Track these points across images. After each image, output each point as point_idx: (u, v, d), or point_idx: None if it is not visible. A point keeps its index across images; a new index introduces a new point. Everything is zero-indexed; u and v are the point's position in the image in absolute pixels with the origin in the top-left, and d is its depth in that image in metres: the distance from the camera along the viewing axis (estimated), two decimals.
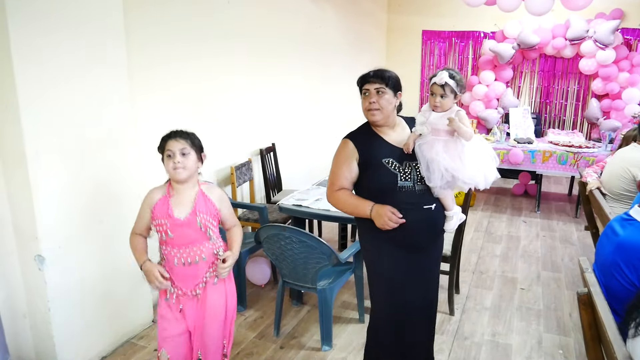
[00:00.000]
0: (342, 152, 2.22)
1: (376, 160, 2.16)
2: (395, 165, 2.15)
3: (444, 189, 2.13)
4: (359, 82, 2.21)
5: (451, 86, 2.07)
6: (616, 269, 1.90)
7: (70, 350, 2.65)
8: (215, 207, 2.15)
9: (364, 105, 2.19)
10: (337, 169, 2.23)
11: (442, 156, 2.05)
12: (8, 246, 2.48)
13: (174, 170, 2.04)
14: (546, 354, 2.94)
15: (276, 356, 2.90)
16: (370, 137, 2.22)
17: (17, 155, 2.34)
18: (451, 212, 2.24)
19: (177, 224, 2.05)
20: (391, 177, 2.13)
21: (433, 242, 2.29)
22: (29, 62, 2.28)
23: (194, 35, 3.59)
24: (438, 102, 2.09)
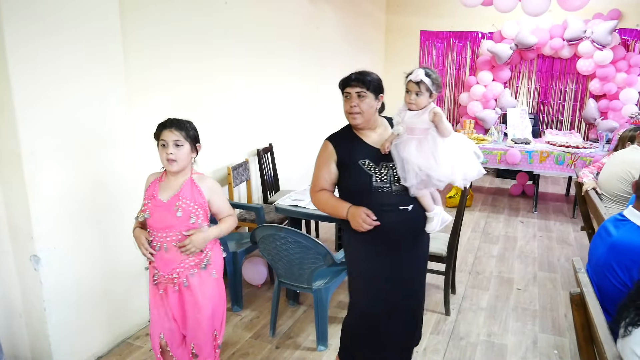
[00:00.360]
0: (322, 153, 2.26)
1: (353, 161, 2.17)
2: (370, 166, 2.15)
3: (419, 189, 2.11)
4: (341, 85, 2.20)
5: (426, 84, 2.06)
6: (609, 270, 1.90)
7: (66, 350, 2.65)
8: (203, 196, 2.14)
9: (345, 108, 2.19)
10: (318, 171, 2.27)
11: (415, 155, 2.05)
12: (4, 246, 2.48)
13: (167, 161, 2.06)
14: (541, 354, 2.95)
15: (272, 356, 2.91)
16: (349, 139, 2.23)
17: (13, 155, 2.34)
18: (431, 212, 2.21)
19: (158, 205, 2.08)
20: (366, 177, 2.14)
21: (413, 243, 2.26)
22: (25, 64, 2.29)
23: (191, 36, 3.59)
24: (413, 100, 2.08)
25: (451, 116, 7.89)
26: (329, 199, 2.24)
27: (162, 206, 2.08)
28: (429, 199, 2.21)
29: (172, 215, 2.07)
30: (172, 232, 2.09)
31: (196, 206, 2.11)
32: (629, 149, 3.45)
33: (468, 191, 3.37)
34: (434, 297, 3.63)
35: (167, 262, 2.12)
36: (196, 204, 2.11)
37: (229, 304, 3.46)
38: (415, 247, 2.29)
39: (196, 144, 2.16)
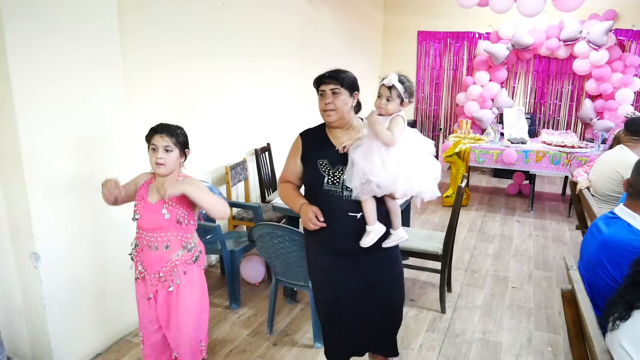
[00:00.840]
0: (292, 147, 2.32)
1: (313, 159, 2.18)
2: (326, 168, 2.15)
3: (363, 194, 2.05)
4: (315, 83, 2.20)
5: (398, 90, 2.03)
6: (600, 266, 1.94)
7: (66, 346, 2.68)
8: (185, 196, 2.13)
9: (320, 106, 2.18)
10: (286, 162, 2.33)
11: (362, 158, 2.01)
12: (4, 244, 2.51)
13: (156, 165, 2.12)
14: (535, 351, 2.99)
15: (269, 353, 2.94)
16: (318, 137, 2.24)
17: (13, 154, 2.37)
18: (370, 227, 2.10)
19: (147, 207, 2.13)
20: (319, 178, 2.15)
21: (366, 250, 2.15)
22: (25, 63, 2.31)
23: (189, 36, 3.62)
24: (383, 105, 2.05)
25: (448, 116, 7.93)
26: (289, 191, 2.29)
27: (150, 208, 2.13)
28: (371, 211, 2.10)
29: (160, 216, 2.12)
30: (162, 233, 2.13)
31: (182, 207, 2.15)
32: (616, 149, 3.49)
33: (464, 190, 3.39)
34: (430, 295, 3.66)
35: (155, 260, 2.15)
36: (182, 205, 2.15)
37: (226, 301, 3.50)
38: (373, 254, 2.20)
39: (185, 150, 2.19)
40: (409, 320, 3.31)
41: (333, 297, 2.28)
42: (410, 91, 2.08)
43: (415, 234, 3.60)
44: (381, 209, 2.16)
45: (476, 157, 5.73)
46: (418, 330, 3.20)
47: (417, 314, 3.41)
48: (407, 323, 3.28)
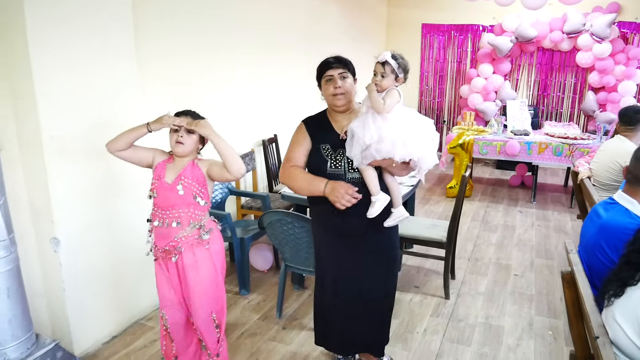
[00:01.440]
0: (297, 133, 2.36)
1: (316, 144, 2.28)
2: (328, 152, 2.25)
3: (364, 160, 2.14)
4: (320, 69, 2.28)
5: (392, 66, 2.13)
6: (599, 249, 2.03)
7: (84, 328, 2.79)
8: (202, 172, 2.24)
9: (328, 91, 2.25)
10: (293, 148, 2.34)
11: (361, 128, 2.11)
12: (25, 229, 2.61)
13: (175, 143, 2.20)
14: (536, 334, 3.08)
15: (279, 336, 3.04)
16: (321, 123, 2.33)
17: (34, 141, 2.47)
18: (374, 197, 2.21)
19: (164, 186, 2.21)
20: (322, 162, 2.25)
21: (369, 231, 2.28)
22: (44, 48, 2.40)
23: (198, 29, 3.70)
24: (378, 81, 2.15)
25: (452, 108, 8.00)
26: (304, 173, 2.29)
27: (167, 187, 2.22)
28: (373, 181, 2.21)
29: (176, 195, 2.20)
30: (174, 210, 2.21)
31: (197, 185, 2.23)
32: (615, 140, 3.57)
33: (467, 180, 3.48)
34: (434, 282, 3.76)
35: (164, 236, 2.24)
36: (196, 181, 2.23)
37: (236, 287, 3.60)
38: (375, 235, 2.33)
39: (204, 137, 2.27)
40: (413, 306, 3.41)
41: (337, 279, 2.39)
42: (404, 67, 2.17)
43: (420, 223, 3.69)
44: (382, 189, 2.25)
45: (479, 148, 5.81)
46: (422, 315, 3.30)
47: (422, 299, 3.50)
48: (412, 308, 3.38)
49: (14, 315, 2.12)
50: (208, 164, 2.27)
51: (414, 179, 3.81)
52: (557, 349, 2.93)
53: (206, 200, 2.29)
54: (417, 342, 2.99)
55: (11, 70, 2.43)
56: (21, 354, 2.16)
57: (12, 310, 2.12)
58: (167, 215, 2.22)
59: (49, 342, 2.29)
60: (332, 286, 2.41)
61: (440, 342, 3.00)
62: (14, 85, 2.45)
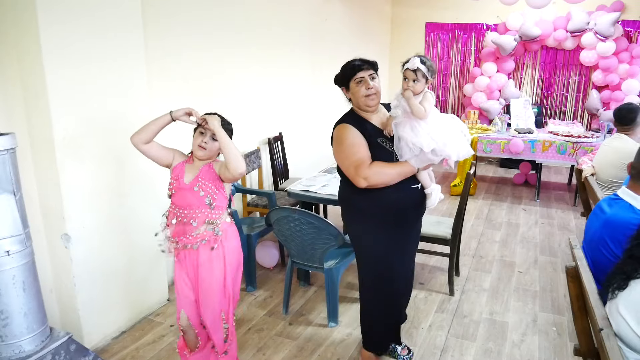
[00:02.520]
0: (348, 134, 2.30)
1: (373, 140, 2.31)
2: (389, 145, 2.33)
3: (420, 164, 2.30)
4: (349, 72, 2.32)
5: (423, 71, 2.22)
6: (603, 244, 2.06)
7: (94, 323, 2.84)
8: (216, 174, 2.28)
9: (360, 93, 2.29)
10: (357, 148, 2.26)
11: (410, 134, 2.23)
12: (36, 225, 2.65)
13: (198, 147, 2.25)
14: (540, 330, 3.11)
15: (285, 331, 3.08)
16: (360, 121, 2.36)
17: (45, 139, 2.51)
18: (429, 189, 2.43)
19: (182, 187, 2.26)
20: (388, 155, 2.31)
21: (417, 220, 2.55)
22: (55, 48, 2.44)
23: (204, 28, 3.75)
24: (411, 86, 2.23)
25: (456, 107, 8.02)
26: (385, 164, 2.28)
27: (185, 188, 2.26)
28: (426, 177, 2.42)
29: (193, 195, 2.24)
30: (191, 210, 2.25)
31: (211, 184, 2.26)
32: (614, 137, 3.60)
33: (471, 178, 3.51)
34: (438, 278, 3.79)
35: (181, 231, 2.28)
36: (211, 182, 2.26)
37: (243, 284, 3.64)
38: (418, 223, 2.64)
39: None
40: (418, 302, 3.44)
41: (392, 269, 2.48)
42: (433, 69, 2.26)
43: (424, 219, 3.69)
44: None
45: (483, 147, 5.83)
46: (427, 311, 3.33)
47: (427, 296, 3.53)
48: (417, 304, 3.41)
49: (29, 308, 2.17)
50: (220, 164, 2.31)
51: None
52: (561, 345, 2.96)
53: (220, 202, 2.31)
54: (423, 338, 3.02)
55: (23, 69, 2.48)
56: (36, 346, 2.21)
57: (28, 303, 2.16)
58: (184, 215, 2.26)
59: (62, 334, 2.33)
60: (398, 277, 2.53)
61: (445, 337, 3.03)
62: (26, 84, 2.49)
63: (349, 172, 2.29)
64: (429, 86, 2.30)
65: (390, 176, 2.28)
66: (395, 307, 2.65)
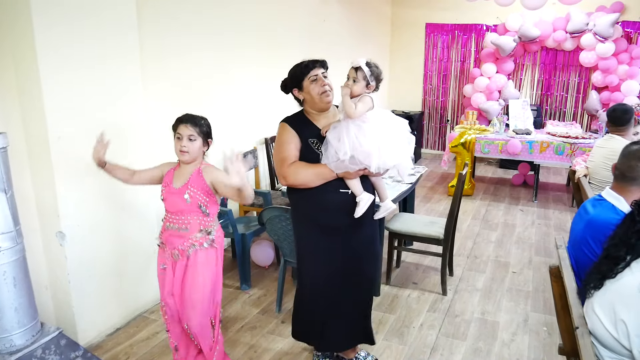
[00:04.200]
0: (283, 133, 2.37)
1: (304, 140, 2.33)
2: (318, 146, 2.32)
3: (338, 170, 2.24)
4: (301, 71, 2.33)
5: (364, 72, 2.20)
6: (585, 244, 2.08)
7: (88, 320, 2.88)
8: (206, 183, 2.31)
9: (315, 90, 2.30)
10: (284, 147, 2.33)
11: (334, 138, 2.20)
12: (32, 223, 2.70)
13: (180, 152, 2.30)
14: (531, 330, 3.13)
15: (277, 330, 3.12)
16: (302, 121, 2.40)
17: (41, 139, 2.56)
18: (358, 197, 2.31)
19: (171, 191, 2.32)
20: (314, 156, 2.31)
21: (353, 226, 2.38)
22: (50, 50, 2.48)
23: (201, 28, 3.78)
24: (349, 85, 2.22)
25: (455, 107, 8.03)
26: (307, 165, 2.30)
27: (175, 193, 2.31)
28: (355, 183, 2.31)
29: (182, 201, 2.29)
30: (183, 216, 2.31)
31: (202, 193, 2.31)
32: (606, 138, 3.61)
33: (465, 177, 3.53)
34: (432, 278, 3.82)
35: (173, 237, 2.33)
36: (202, 192, 2.31)
37: (237, 282, 3.68)
38: (355, 230, 2.41)
39: (208, 139, 2.37)
40: (410, 302, 3.47)
41: (321, 274, 2.45)
42: (376, 75, 2.24)
43: (418, 220, 3.75)
44: (367, 185, 2.37)
45: (481, 147, 5.84)
46: (419, 310, 3.36)
47: (419, 295, 3.56)
48: (409, 304, 3.44)
49: (20, 303, 2.22)
50: (212, 175, 2.32)
51: (413, 177, 3.88)
52: (551, 344, 2.98)
53: (211, 210, 2.36)
54: (413, 337, 3.05)
55: (18, 71, 2.52)
56: (27, 340, 2.25)
57: (18, 298, 2.21)
58: (176, 220, 2.31)
59: (53, 329, 2.38)
60: (324, 280, 2.46)
61: (435, 336, 3.06)
62: (21, 86, 2.54)
63: (276, 169, 2.39)
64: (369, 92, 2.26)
65: (307, 177, 2.28)
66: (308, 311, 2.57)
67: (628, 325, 1.50)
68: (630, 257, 1.58)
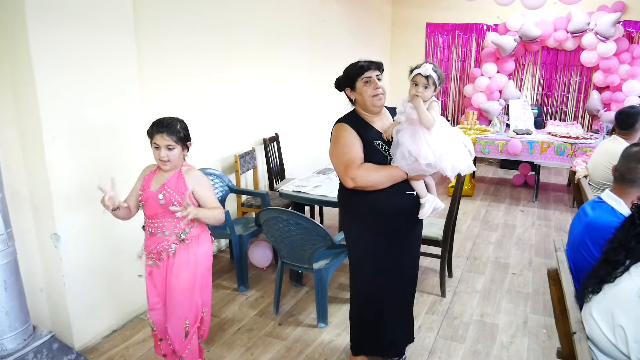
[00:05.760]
0: (343, 134, 2.30)
1: (368, 142, 2.30)
2: (384, 148, 2.31)
3: (412, 173, 2.26)
4: (356, 72, 2.31)
5: (434, 78, 2.21)
6: (583, 247, 2.05)
7: (84, 322, 2.86)
8: (186, 186, 2.26)
9: (368, 92, 2.28)
10: (349, 149, 2.26)
11: (408, 141, 2.20)
12: (27, 224, 2.68)
13: (160, 162, 2.23)
14: (530, 333, 3.10)
15: (275, 332, 3.09)
16: (360, 122, 2.36)
17: (36, 141, 2.54)
18: (424, 199, 2.36)
19: (148, 195, 2.27)
20: (382, 158, 2.30)
21: (412, 227, 2.47)
22: (45, 51, 2.47)
23: (200, 28, 3.77)
24: (420, 92, 2.20)
25: (456, 107, 8.00)
26: (377, 166, 2.27)
27: (152, 196, 2.26)
28: (421, 186, 2.37)
29: (158, 204, 2.24)
30: (158, 219, 2.27)
31: (177, 195, 2.23)
32: (611, 139, 3.58)
33: (463, 179, 3.50)
34: (431, 280, 3.79)
35: (151, 242, 2.31)
36: (178, 193, 2.23)
37: (235, 284, 3.66)
38: (415, 229, 2.51)
39: (187, 142, 2.30)
40: None
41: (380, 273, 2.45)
42: (442, 78, 2.26)
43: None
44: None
45: (481, 147, 5.81)
46: (418, 312, 3.32)
47: (418, 297, 3.51)
48: None
49: (10, 307, 2.20)
50: (195, 184, 2.27)
51: None
52: (550, 347, 2.95)
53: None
54: None
55: (13, 73, 2.50)
56: (18, 344, 2.24)
57: (10, 302, 2.19)
58: (153, 225, 2.28)
59: (45, 333, 2.36)
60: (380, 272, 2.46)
61: (434, 339, 3.03)
62: (16, 88, 2.52)
63: (339, 171, 2.32)
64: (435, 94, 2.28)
65: (378, 179, 2.26)
66: (377, 312, 2.54)
67: (626, 330, 1.47)
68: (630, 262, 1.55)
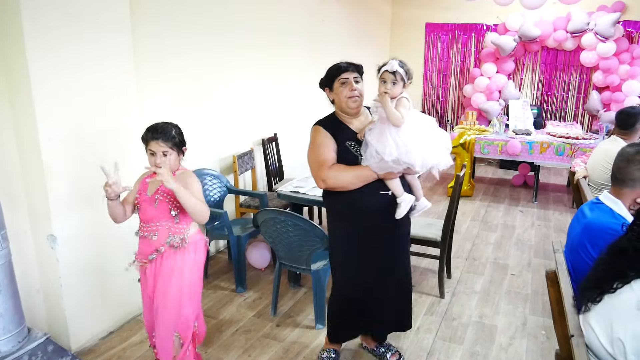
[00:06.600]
0: (318, 136, 2.36)
1: (341, 142, 2.33)
2: (356, 148, 2.32)
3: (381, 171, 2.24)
4: (333, 73, 2.35)
5: (401, 74, 2.22)
6: (582, 248, 2.04)
7: (81, 324, 2.85)
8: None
9: (343, 94, 2.32)
10: (322, 150, 2.32)
11: (375, 140, 2.20)
12: (23, 225, 2.67)
13: (156, 167, 2.16)
14: (529, 334, 3.09)
15: (272, 333, 3.08)
16: (336, 124, 2.40)
17: (32, 142, 2.53)
18: (400, 198, 2.33)
19: (144, 199, 2.26)
20: (353, 158, 2.31)
21: (391, 226, 2.41)
22: (41, 52, 2.45)
23: (198, 28, 3.75)
24: (389, 89, 2.21)
25: (455, 107, 7.99)
26: (347, 167, 2.29)
27: (147, 200, 2.25)
28: (397, 185, 2.33)
29: (153, 208, 2.23)
30: (152, 223, 2.24)
31: (172, 198, 2.20)
32: (610, 140, 3.56)
33: (462, 178, 3.49)
34: (429, 281, 3.77)
35: (143, 246, 2.28)
36: (172, 196, 2.19)
37: (233, 285, 3.64)
38: (396, 228, 2.46)
39: (183, 147, 2.28)
40: None
41: (358, 273, 2.46)
42: (409, 74, 2.26)
43: (415, 222, 3.68)
44: (403, 185, 2.36)
45: (481, 148, 5.80)
46: (416, 313, 3.30)
47: (417, 298, 3.51)
48: None
49: (5, 309, 2.18)
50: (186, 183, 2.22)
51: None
52: (549, 348, 2.94)
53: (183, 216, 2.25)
54: (410, 340, 3.01)
55: (9, 74, 2.49)
56: (12, 347, 2.22)
57: (4, 304, 2.18)
58: (147, 229, 2.26)
59: (40, 335, 2.35)
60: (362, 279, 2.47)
61: (432, 340, 3.02)
62: (12, 88, 2.51)
63: (312, 172, 2.38)
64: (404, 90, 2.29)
65: (348, 179, 2.28)
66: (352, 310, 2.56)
67: (625, 343, 1.46)
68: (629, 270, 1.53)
